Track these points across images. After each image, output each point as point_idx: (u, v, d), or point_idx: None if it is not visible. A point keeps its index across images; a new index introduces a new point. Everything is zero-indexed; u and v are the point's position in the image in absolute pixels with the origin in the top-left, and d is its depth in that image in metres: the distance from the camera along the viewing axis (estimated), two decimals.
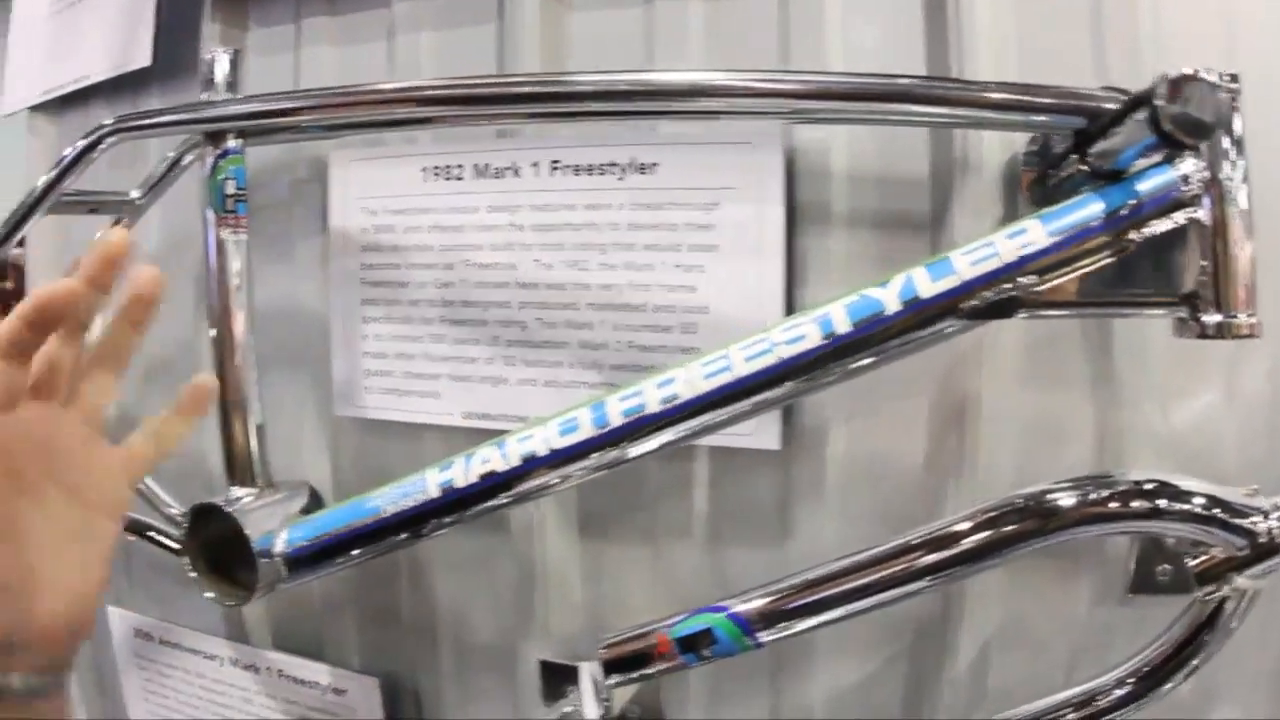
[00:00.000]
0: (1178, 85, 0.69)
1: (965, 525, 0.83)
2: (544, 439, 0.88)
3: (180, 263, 1.45)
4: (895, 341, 0.80)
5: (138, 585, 1.60)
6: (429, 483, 0.95)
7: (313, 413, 1.31)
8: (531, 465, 0.90)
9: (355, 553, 1.03)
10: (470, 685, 1.32)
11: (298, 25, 1.36)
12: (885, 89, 0.87)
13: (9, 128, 1.73)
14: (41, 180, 1.25)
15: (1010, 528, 0.82)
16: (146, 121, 1.19)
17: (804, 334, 0.80)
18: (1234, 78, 0.72)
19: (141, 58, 1.45)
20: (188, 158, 1.28)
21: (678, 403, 0.83)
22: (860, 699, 1.10)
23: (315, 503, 1.22)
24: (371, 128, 1.12)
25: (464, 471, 0.93)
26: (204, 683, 1.51)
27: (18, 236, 1.33)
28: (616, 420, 0.85)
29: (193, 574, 1.15)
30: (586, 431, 0.87)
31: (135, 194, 1.35)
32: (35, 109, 1.70)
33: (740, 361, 0.80)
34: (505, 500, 0.93)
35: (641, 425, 0.84)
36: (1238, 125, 0.75)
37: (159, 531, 1.29)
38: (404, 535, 0.98)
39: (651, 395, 0.83)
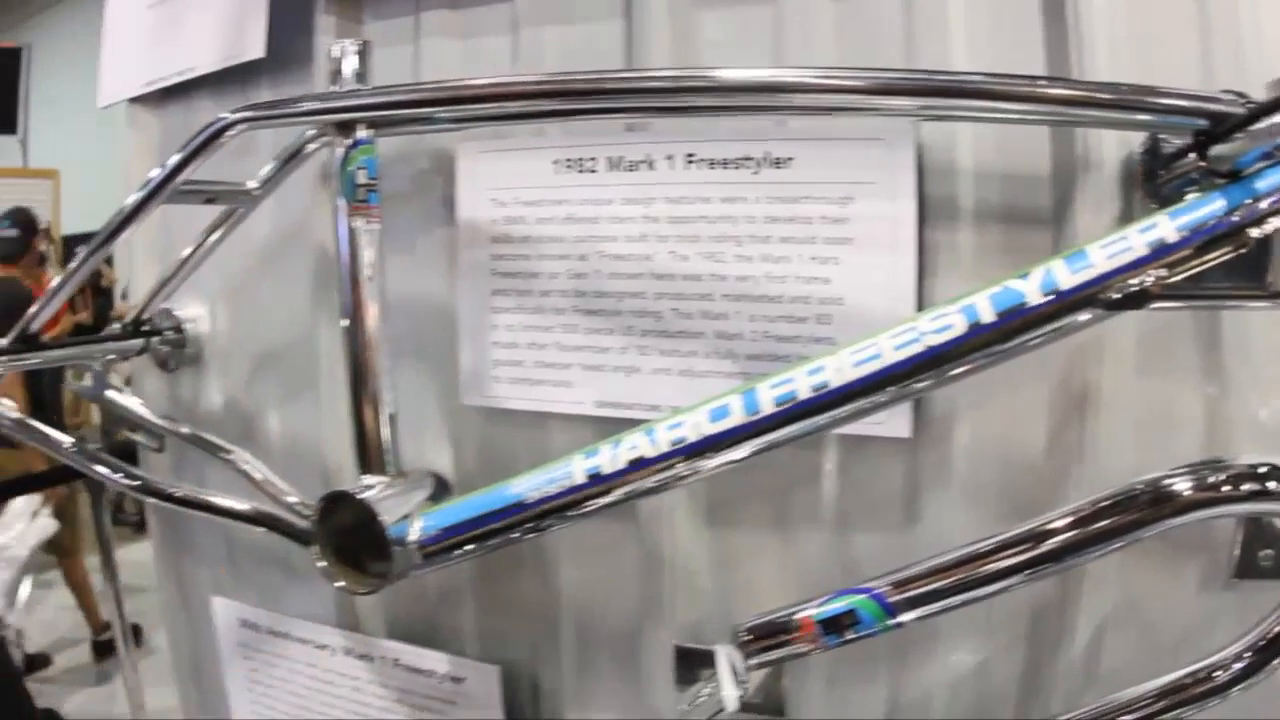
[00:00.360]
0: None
1: (1090, 511, 0.92)
2: (694, 425, 0.96)
3: (292, 253, 1.58)
4: (1035, 331, 0.89)
5: (241, 576, 1.74)
6: (575, 469, 1.03)
7: (434, 402, 1.42)
8: (681, 451, 0.98)
9: (494, 540, 1.10)
10: (591, 673, 1.44)
11: (417, 18, 1.46)
12: (1016, 88, 0.96)
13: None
14: (165, 168, 1.31)
15: (1133, 514, 0.90)
16: (277, 112, 1.27)
17: (951, 323, 0.89)
18: None
19: (254, 49, 1.54)
20: (309, 148, 1.39)
21: (828, 390, 0.91)
22: (977, 684, 1.22)
23: (442, 491, 1.31)
24: (510, 120, 1.22)
25: (611, 458, 1.01)
26: (313, 672, 1.63)
27: (136, 223, 1.40)
28: (768, 407, 0.94)
29: (321, 563, 1.22)
30: (738, 418, 0.95)
31: (252, 184, 1.46)
32: (135, 100, 1.81)
33: (889, 350, 0.90)
34: (651, 486, 1.00)
35: (792, 412, 0.93)
36: None
37: (281, 521, 1.37)
38: (546, 522, 1.05)
39: (802, 383, 0.92)
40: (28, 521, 2.26)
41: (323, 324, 1.54)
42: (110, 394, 1.71)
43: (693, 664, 1.21)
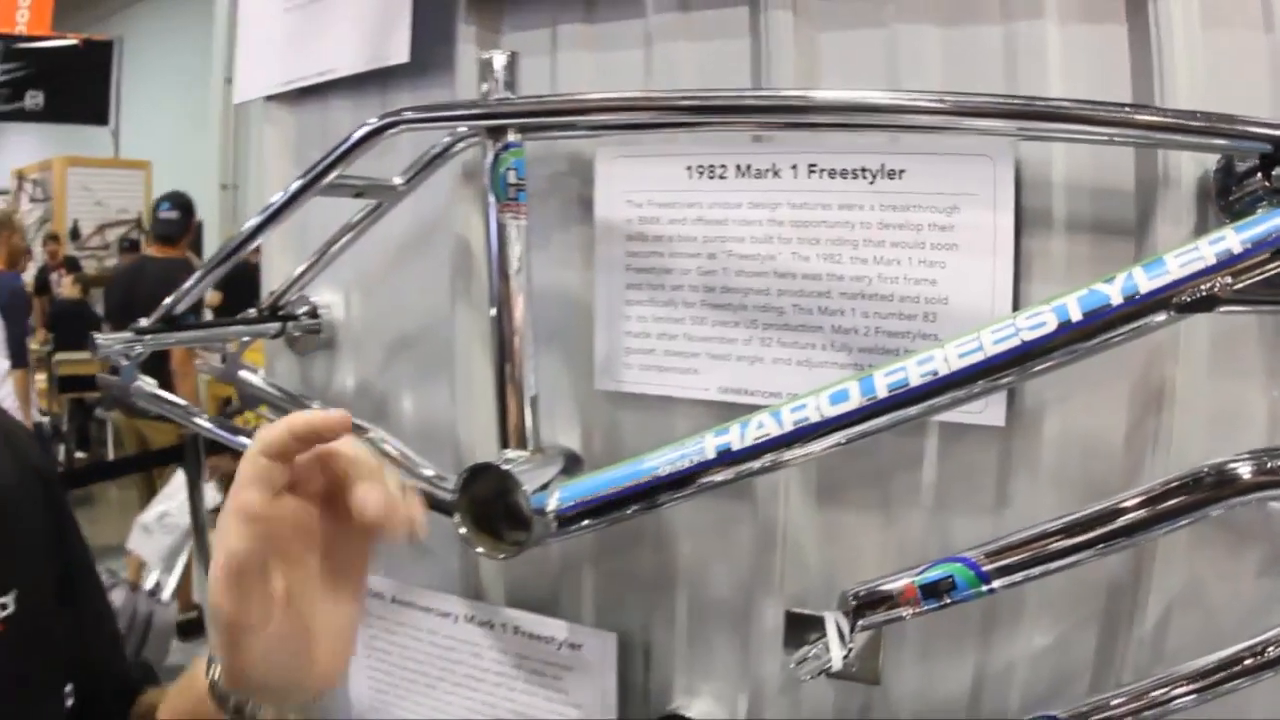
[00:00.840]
0: None
1: (1160, 491, 1.09)
2: (816, 407, 1.14)
3: (429, 245, 1.78)
4: (1117, 330, 1.05)
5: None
6: (706, 445, 1.20)
7: (566, 387, 1.61)
8: (804, 431, 1.14)
9: (626, 510, 1.28)
10: (701, 640, 1.62)
11: (554, 31, 1.64)
12: (1104, 114, 1.14)
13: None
14: (321, 162, 1.53)
15: (1199, 494, 1.07)
16: (435, 115, 1.47)
17: (1044, 321, 1.05)
18: None
19: (399, 54, 1.72)
20: (457, 148, 1.58)
21: (936, 378, 1.09)
22: (1056, 659, 1.37)
23: (574, 466, 1.50)
24: (649, 129, 1.43)
25: (740, 436, 1.18)
26: (434, 639, 1.82)
27: (289, 213, 1.62)
28: (883, 392, 1.11)
29: (462, 530, 1.39)
30: (855, 401, 1.12)
31: (397, 180, 1.64)
32: (271, 98, 2.01)
33: (990, 343, 1.07)
34: (773, 463, 1.18)
35: (903, 397, 1.10)
36: None
37: (421, 493, 1.55)
38: (675, 494, 1.23)
39: (913, 371, 1.10)
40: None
41: (459, 311, 1.73)
42: (243, 374, 1.90)
43: (801, 628, 1.34)
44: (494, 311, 1.43)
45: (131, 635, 5.65)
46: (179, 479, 5.70)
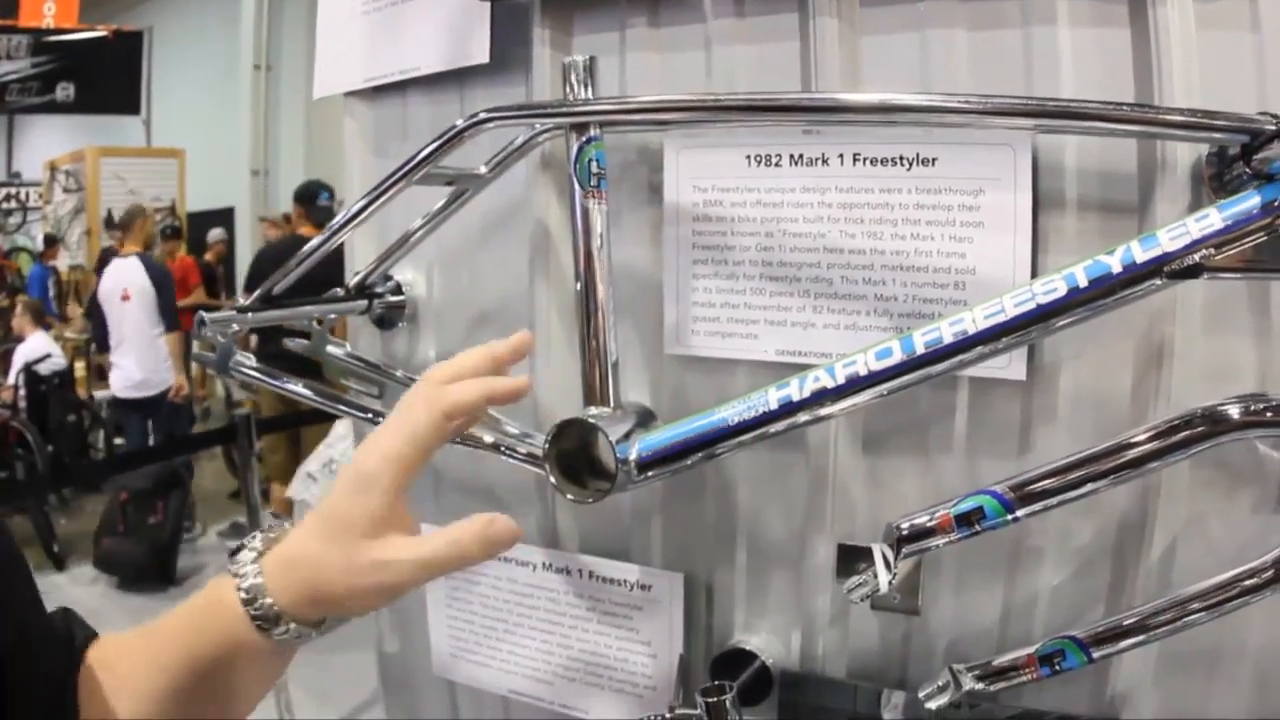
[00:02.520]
0: None
1: (1164, 428, 1.27)
2: (864, 363, 1.32)
3: (509, 226, 1.97)
4: (1118, 294, 1.24)
5: (444, 507, 2.12)
6: (770, 397, 1.38)
7: (637, 352, 1.79)
8: (854, 383, 1.33)
9: (698, 456, 1.45)
10: (759, 577, 1.80)
11: (622, 34, 1.79)
12: (1109, 112, 1.32)
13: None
14: (420, 154, 1.69)
15: (1196, 429, 1.26)
16: (526, 112, 1.66)
17: (1056, 287, 1.24)
18: None
19: (480, 55, 1.88)
20: (539, 139, 1.77)
21: (965, 336, 1.27)
22: (1074, 588, 1.56)
23: (648, 420, 1.66)
24: (714, 124, 1.62)
25: (799, 388, 1.37)
26: (514, 587, 2.02)
27: (383, 202, 1.79)
28: (920, 349, 1.30)
29: (552, 479, 1.55)
30: (897, 357, 1.31)
31: (483, 169, 1.80)
32: (350, 94, 2.20)
33: (1011, 307, 1.25)
34: (828, 412, 1.37)
35: (938, 353, 1.29)
36: None
37: (514, 448, 1.73)
38: (743, 439, 1.40)
39: (946, 330, 1.30)
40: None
41: (538, 286, 1.90)
42: (330, 349, 2.10)
43: (851, 559, 1.53)
44: (579, 286, 1.60)
45: None
46: (338, 430, 6.20)
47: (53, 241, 14.87)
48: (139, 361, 9.26)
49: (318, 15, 2.24)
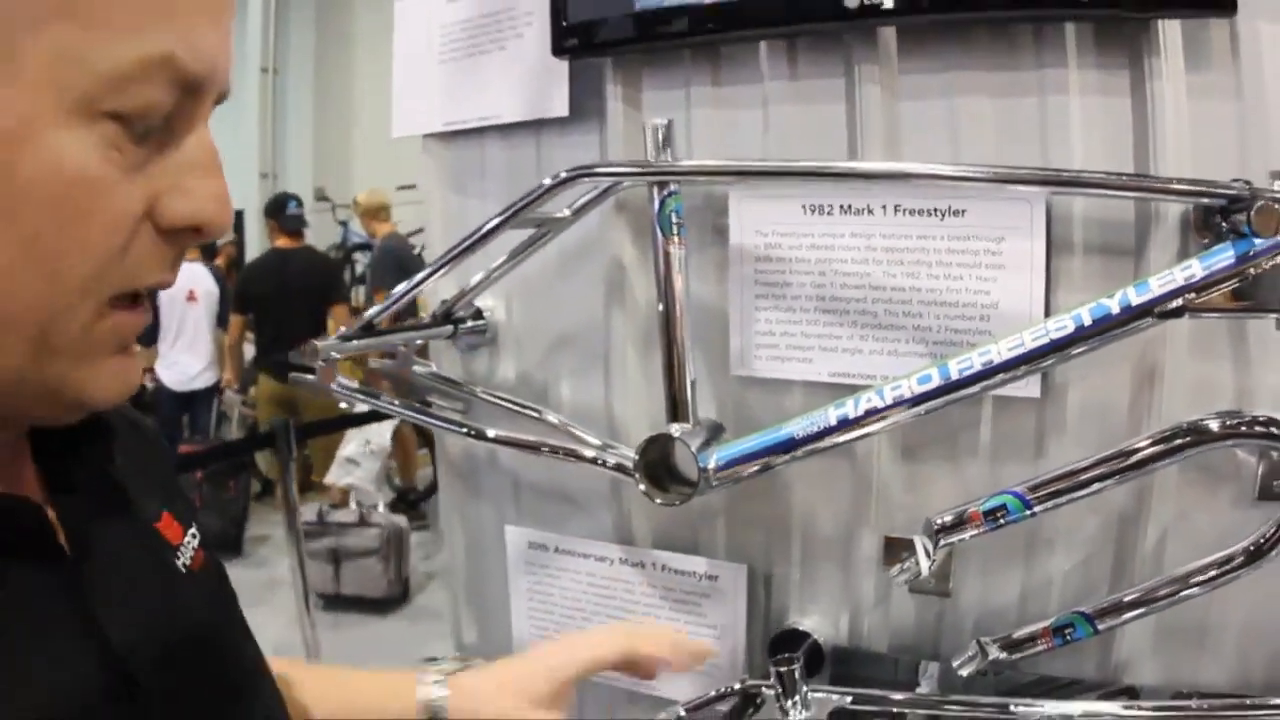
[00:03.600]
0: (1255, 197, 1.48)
1: (1158, 436, 1.53)
2: (909, 387, 1.59)
3: (585, 260, 2.18)
4: (1116, 331, 1.49)
5: (523, 509, 2.38)
6: (829, 415, 1.65)
7: (706, 374, 2.00)
8: (900, 403, 1.60)
9: (766, 465, 1.73)
10: (811, 568, 2.03)
11: (687, 91, 2.00)
12: (1110, 180, 1.58)
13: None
14: (517, 203, 1.93)
15: (1181, 439, 1.51)
16: (617, 170, 1.90)
17: (1066, 325, 1.50)
18: None
19: (559, 109, 2.11)
20: (621, 187, 1.96)
21: (992, 365, 1.54)
22: (1083, 571, 1.80)
23: (719, 433, 1.89)
24: (774, 181, 1.89)
25: (854, 407, 1.63)
26: (592, 580, 2.24)
27: (498, 246, 2.03)
28: (955, 375, 1.56)
29: (642, 487, 1.85)
30: (936, 382, 1.58)
31: (566, 212, 2.00)
32: (429, 135, 2.38)
33: (1029, 340, 1.52)
34: (877, 427, 1.63)
35: (970, 378, 1.56)
36: None
37: (603, 459, 1.97)
38: (805, 450, 1.67)
39: (976, 360, 1.55)
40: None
41: (614, 316, 2.12)
42: (417, 368, 2.38)
43: (896, 549, 1.75)
44: (662, 319, 1.85)
45: (394, 546, 7.74)
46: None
47: None
48: (197, 357, 10.32)
49: (393, 60, 2.42)
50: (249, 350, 10.27)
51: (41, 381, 0.88)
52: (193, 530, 1.20)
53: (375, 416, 7.40)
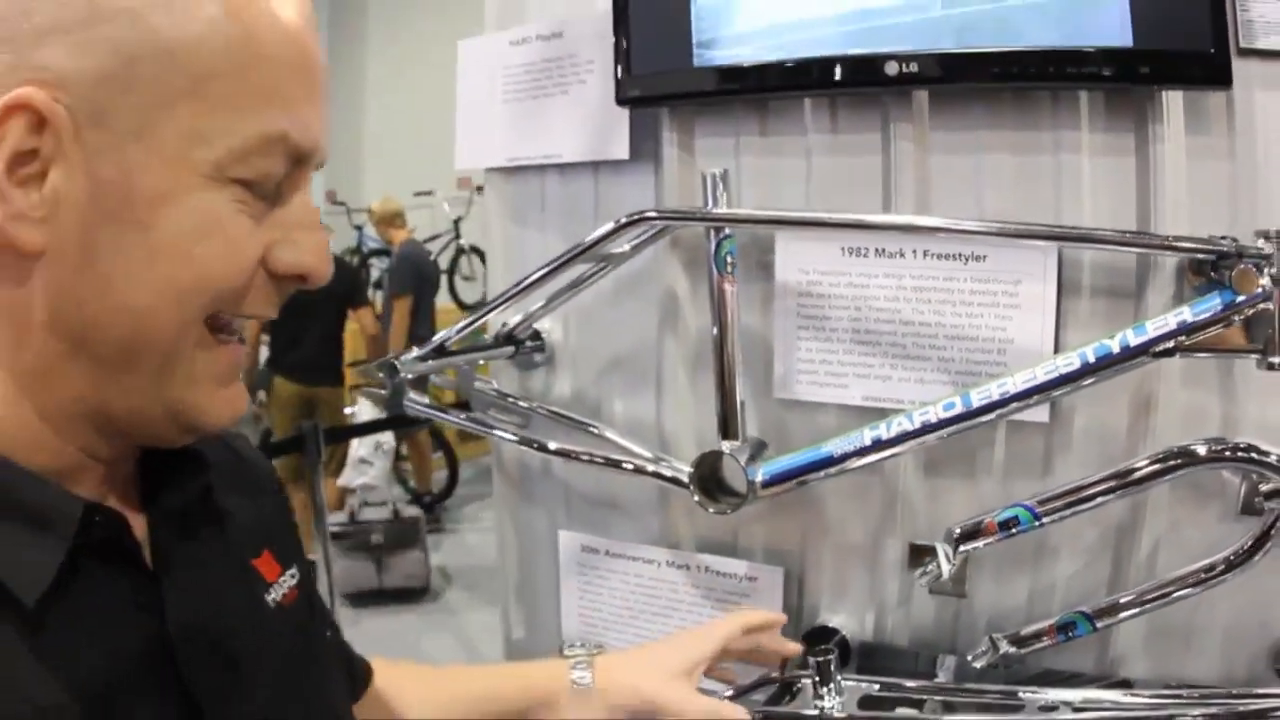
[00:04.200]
0: (1240, 255, 1.70)
1: (1152, 458, 1.73)
2: (935, 412, 1.80)
3: (639, 288, 2.36)
4: (1116, 367, 1.69)
5: (574, 515, 2.55)
6: (865, 436, 1.84)
7: (750, 395, 2.14)
8: (928, 427, 1.80)
9: (808, 479, 1.93)
10: (841, 571, 2.21)
11: (736, 140, 2.18)
12: (1117, 237, 1.78)
13: None
14: (587, 241, 2.12)
15: (1172, 462, 1.72)
16: (679, 215, 2.10)
17: (1073, 362, 1.70)
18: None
19: (619, 152, 2.29)
20: (674, 227, 2.14)
21: (1008, 395, 1.75)
22: (1084, 576, 1.99)
23: (763, 450, 2.09)
24: (818, 230, 2.11)
25: (887, 429, 1.83)
26: (639, 582, 2.41)
27: (560, 277, 2.21)
28: (976, 403, 1.77)
29: (696, 498, 2.05)
30: (959, 409, 1.78)
31: (625, 248, 2.17)
32: (491, 169, 2.58)
33: (1041, 374, 1.73)
34: (906, 447, 1.84)
35: (989, 405, 1.76)
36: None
37: (658, 471, 2.17)
38: (843, 467, 1.88)
39: (994, 390, 1.75)
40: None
41: (666, 341, 2.29)
42: (479, 384, 2.59)
43: (919, 554, 1.97)
44: (715, 347, 2.05)
45: (418, 531, 8.19)
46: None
47: None
48: None
49: (458, 96, 2.60)
50: (263, 353, 10.01)
51: (164, 405, 1.07)
52: (292, 571, 1.35)
53: (397, 422, 7.62)
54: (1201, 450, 1.75)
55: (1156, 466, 1.77)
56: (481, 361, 2.55)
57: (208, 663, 1.11)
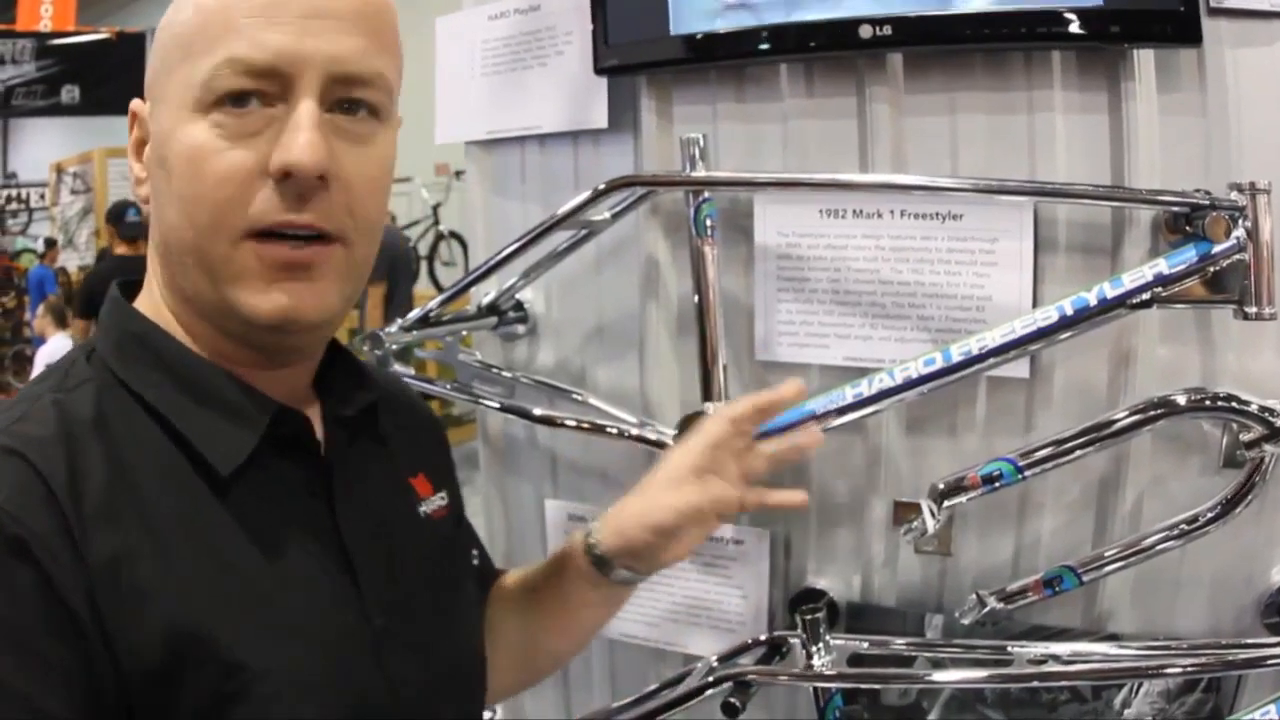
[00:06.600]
0: (1214, 207, 1.75)
1: (1132, 409, 1.79)
2: (915, 368, 1.83)
3: (620, 256, 2.39)
4: (1095, 319, 1.73)
5: (561, 485, 2.58)
6: (846, 393, 1.87)
7: (732, 358, 2.17)
8: (908, 383, 1.83)
9: None
10: (826, 533, 2.24)
11: (713, 107, 2.21)
12: (1092, 191, 1.87)
13: None
14: (569, 207, 2.15)
15: (1153, 411, 1.76)
16: (658, 179, 2.15)
17: (1050, 315, 1.75)
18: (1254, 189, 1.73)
19: (599, 121, 2.31)
20: (657, 193, 2.17)
21: (987, 349, 1.78)
22: (1069, 531, 2.03)
23: None
24: (794, 190, 2.14)
25: (868, 386, 1.86)
26: None
27: (539, 244, 2.24)
28: (956, 358, 1.80)
29: None
30: (939, 364, 1.81)
31: (605, 215, 2.20)
32: (472, 142, 2.62)
33: (1019, 328, 1.77)
34: (887, 404, 1.87)
35: (969, 360, 1.79)
36: (1263, 215, 1.68)
37: (642, 435, 2.20)
38: (826, 424, 1.87)
39: (974, 344, 1.79)
40: None
41: (649, 307, 2.31)
42: (462, 356, 2.60)
43: (904, 512, 2.02)
44: (697, 309, 2.08)
45: None
46: None
47: (52, 244, 15.09)
48: None
49: (436, 71, 2.63)
50: None
51: (217, 301, 1.26)
52: (443, 494, 1.61)
53: None
54: (1182, 400, 1.79)
55: (1138, 417, 1.81)
56: (465, 333, 2.58)
57: (368, 546, 1.36)
